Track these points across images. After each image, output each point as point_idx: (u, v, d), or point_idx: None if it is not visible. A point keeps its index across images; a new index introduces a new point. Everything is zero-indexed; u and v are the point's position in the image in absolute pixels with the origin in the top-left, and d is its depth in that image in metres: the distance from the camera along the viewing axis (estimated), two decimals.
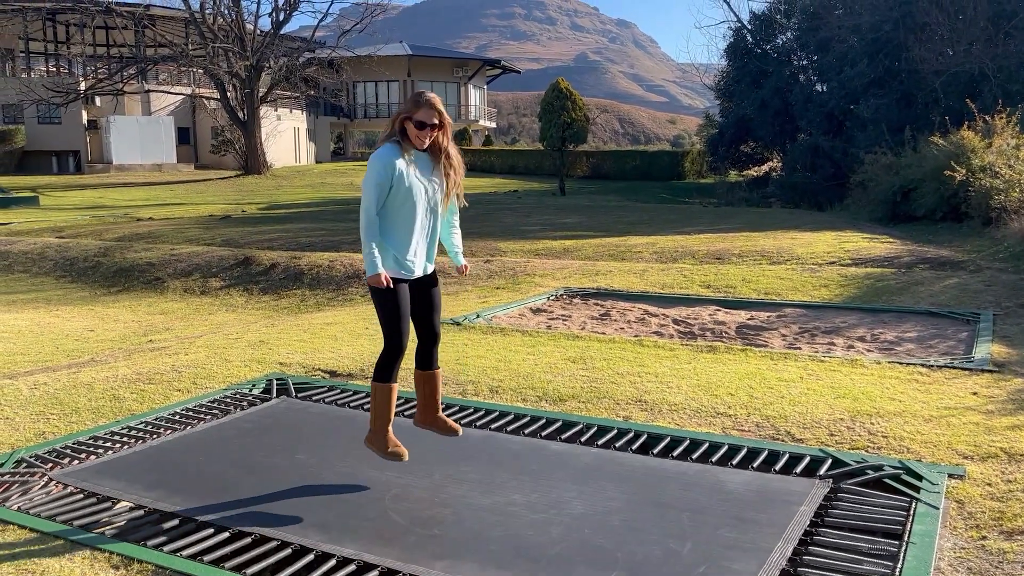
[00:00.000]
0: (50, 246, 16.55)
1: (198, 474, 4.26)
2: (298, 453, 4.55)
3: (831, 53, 26.71)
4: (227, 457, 4.51)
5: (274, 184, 34.54)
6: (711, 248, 12.55)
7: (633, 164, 39.83)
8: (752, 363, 6.25)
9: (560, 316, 8.59)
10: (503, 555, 3.36)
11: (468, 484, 4.08)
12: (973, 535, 3.49)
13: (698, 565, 3.24)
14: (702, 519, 3.65)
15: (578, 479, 4.14)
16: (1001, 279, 9.57)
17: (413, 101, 3.84)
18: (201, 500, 3.90)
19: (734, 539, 3.45)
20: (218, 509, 3.79)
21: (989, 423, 4.75)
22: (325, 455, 4.52)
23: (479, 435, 4.77)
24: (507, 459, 4.42)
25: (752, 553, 3.32)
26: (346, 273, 12.59)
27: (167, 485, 4.10)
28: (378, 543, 3.46)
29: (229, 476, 4.22)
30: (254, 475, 4.23)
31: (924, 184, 16.34)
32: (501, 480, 4.13)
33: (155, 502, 3.88)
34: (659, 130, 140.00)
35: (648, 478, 4.14)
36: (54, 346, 9.16)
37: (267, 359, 6.69)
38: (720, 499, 3.86)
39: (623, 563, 3.27)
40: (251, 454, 4.55)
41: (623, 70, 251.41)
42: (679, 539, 3.47)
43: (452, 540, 3.51)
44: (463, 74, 53.18)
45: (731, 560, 3.27)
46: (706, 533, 3.52)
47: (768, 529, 3.53)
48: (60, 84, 35.92)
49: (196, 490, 4.03)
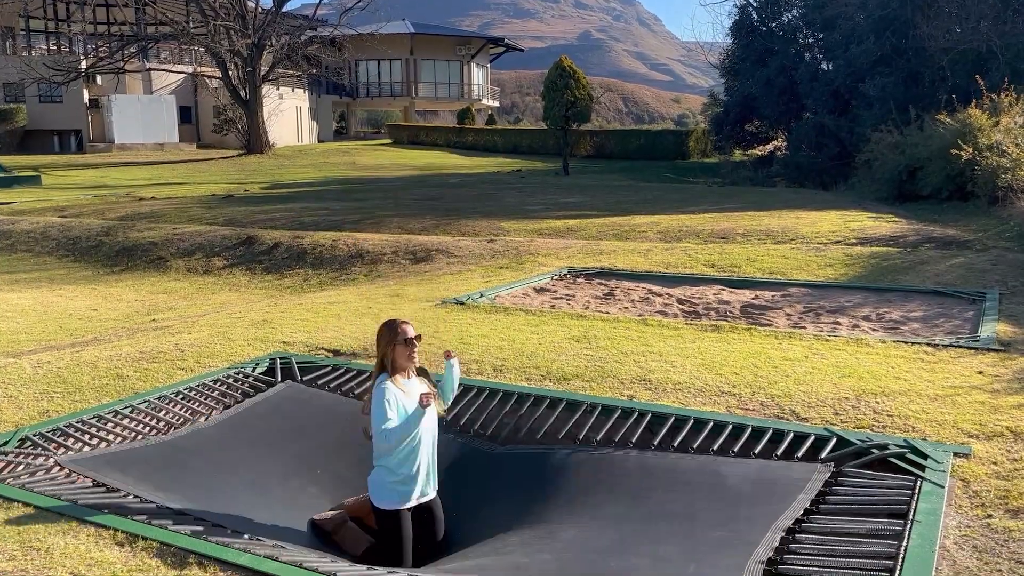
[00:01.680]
0: (53, 225, 16.53)
1: (205, 472, 4.24)
2: (302, 444, 4.57)
3: (837, 31, 26.45)
4: (235, 452, 4.50)
5: (276, 163, 34.43)
6: (715, 228, 12.49)
7: (637, 143, 39.58)
8: (757, 342, 6.23)
9: (564, 295, 8.56)
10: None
11: (464, 505, 4.13)
12: (978, 513, 3.48)
13: (687, 565, 3.23)
14: (696, 520, 3.63)
15: (571, 497, 4.09)
16: (1007, 258, 9.51)
17: (388, 329, 3.92)
18: (211, 503, 3.87)
19: (725, 537, 3.43)
20: (231, 517, 3.76)
21: (995, 402, 4.73)
22: (329, 445, 4.54)
23: (467, 447, 4.74)
24: (501, 475, 4.39)
25: (741, 548, 3.28)
26: (349, 253, 12.57)
27: (176, 487, 4.04)
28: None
29: (238, 475, 4.22)
30: (261, 473, 4.24)
31: (930, 163, 16.23)
32: (494, 502, 4.14)
33: (165, 501, 3.83)
34: (663, 109, 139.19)
35: (645, 483, 4.08)
36: (57, 325, 9.17)
37: (270, 338, 6.68)
38: (718, 496, 3.83)
39: (615, 572, 3.27)
40: (257, 448, 4.55)
41: (627, 48, 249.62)
42: (669, 544, 3.46)
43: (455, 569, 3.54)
44: (466, 52, 52.78)
45: (720, 556, 3.24)
46: (698, 533, 3.50)
47: (763, 521, 3.49)
48: (61, 63, 35.71)
49: (207, 493, 4.00)
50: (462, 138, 44.10)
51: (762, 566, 3.11)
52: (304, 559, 3.24)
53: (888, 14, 24.00)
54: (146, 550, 3.25)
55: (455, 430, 4.86)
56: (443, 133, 45.80)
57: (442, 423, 4.16)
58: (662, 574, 3.19)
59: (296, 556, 3.26)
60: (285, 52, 37.12)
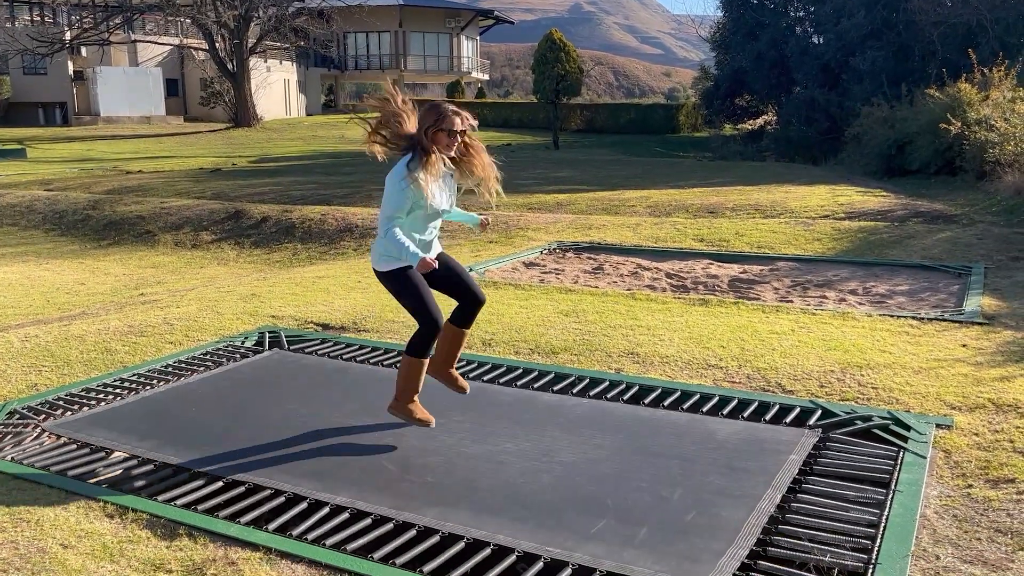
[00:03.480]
0: (39, 199, 16.40)
1: (191, 425, 4.28)
2: (291, 404, 4.57)
3: (828, 4, 26.34)
4: (220, 408, 4.53)
5: (264, 137, 34.19)
6: (705, 202, 12.51)
7: (627, 117, 39.48)
8: (744, 316, 6.27)
9: (553, 270, 8.58)
10: (494, 502, 3.39)
11: (460, 434, 4.11)
12: (959, 483, 3.53)
13: (687, 511, 3.28)
14: (692, 467, 3.69)
15: (569, 429, 4.17)
16: (993, 232, 9.58)
17: (433, 111, 3.83)
18: (194, 450, 3.92)
19: (724, 486, 3.50)
20: (211, 460, 3.81)
21: (978, 374, 4.79)
22: (318, 406, 4.53)
23: (473, 386, 4.79)
24: (499, 410, 4.45)
25: (741, 500, 3.36)
26: (338, 227, 12.53)
27: (160, 436, 4.11)
28: (371, 491, 3.49)
29: (222, 427, 4.24)
30: (247, 426, 4.25)
31: (919, 138, 16.26)
32: (492, 430, 4.16)
33: (148, 452, 3.90)
34: (654, 83, 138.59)
35: (639, 427, 4.18)
36: (45, 299, 9.13)
37: (259, 312, 6.68)
38: (710, 448, 3.90)
39: (613, 509, 3.31)
40: (244, 405, 4.56)
41: (618, 21, 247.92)
42: (669, 486, 3.51)
43: (444, 488, 3.54)
44: (455, 24, 52.29)
45: (720, 507, 3.31)
46: (696, 480, 3.56)
47: (758, 477, 3.57)
48: (45, 34, 35.20)
49: (189, 440, 4.05)
50: None
51: (765, 521, 3.18)
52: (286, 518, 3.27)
53: None
54: (136, 521, 3.27)
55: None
56: None
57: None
58: (664, 516, 3.25)
59: (277, 509, 3.29)
60: (273, 24, 36.70)
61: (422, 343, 3.87)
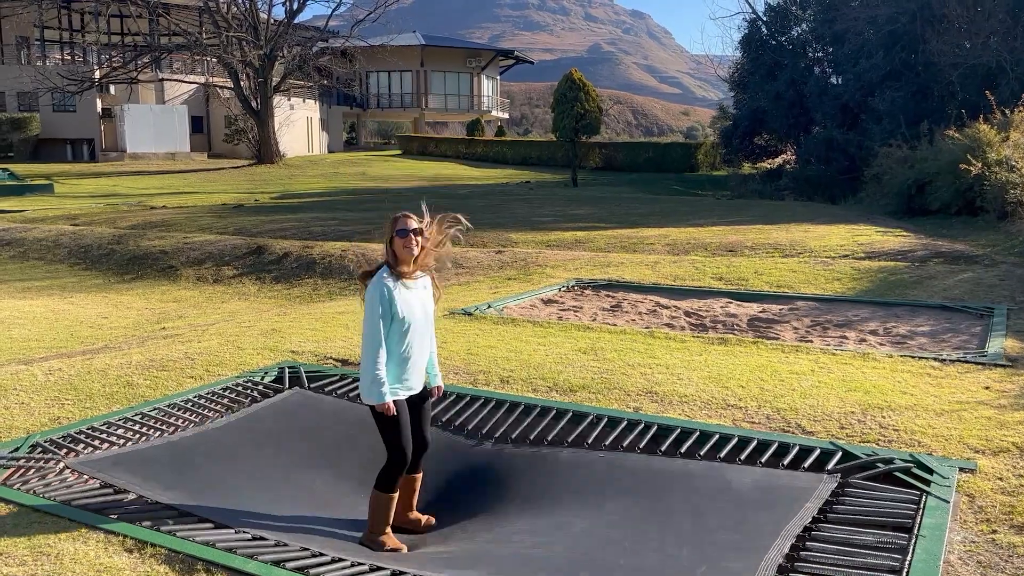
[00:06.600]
0: (64, 233, 16.67)
1: (215, 475, 4.28)
2: (313, 457, 4.59)
3: (847, 45, 26.48)
4: (244, 457, 4.53)
5: (287, 173, 34.62)
6: (723, 240, 12.51)
7: (646, 156, 39.64)
8: (763, 355, 6.24)
9: (571, 307, 8.59)
10: (511, 566, 3.41)
11: (476, 513, 4.16)
12: (983, 529, 3.48)
13: (696, 567, 3.25)
14: (704, 521, 3.65)
15: (583, 493, 4.12)
16: (1016, 273, 9.50)
17: (390, 222, 3.95)
18: (218, 502, 3.91)
19: (734, 540, 3.45)
20: (237, 514, 3.80)
21: (1001, 417, 4.73)
22: (338, 459, 4.56)
23: (483, 451, 4.75)
24: (512, 479, 4.41)
25: (751, 553, 3.31)
26: (358, 263, 12.62)
27: (184, 485, 4.08)
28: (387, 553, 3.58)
29: (245, 479, 4.25)
30: (270, 479, 4.28)
31: (939, 177, 16.21)
32: (506, 507, 4.15)
33: (170, 499, 3.89)
34: (672, 122, 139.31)
35: (652, 483, 4.11)
36: (68, 333, 9.24)
37: (279, 347, 6.72)
38: (725, 500, 3.85)
39: (624, 569, 3.29)
40: (267, 456, 4.58)
41: (637, 61, 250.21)
42: (677, 545, 3.48)
43: (460, 556, 3.57)
44: (476, 64, 53.04)
45: (729, 560, 3.27)
46: (705, 536, 3.52)
47: (771, 527, 3.52)
48: (75, 72, 36.03)
49: (213, 492, 4.04)
50: (471, 149, 44.27)
51: (773, 572, 3.13)
52: (306, 562, 3.27)
53: (897, 29, 24.03)
54: (154, 556, 3.28)
55: (463, 433, 4.89)
56: (453, 144, 45.98)
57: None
58: (673, 573, 3.21)
59: (299, 558, 3.29)
60: (296, 63, 37.40)
61: (388, 478, 3.89)
